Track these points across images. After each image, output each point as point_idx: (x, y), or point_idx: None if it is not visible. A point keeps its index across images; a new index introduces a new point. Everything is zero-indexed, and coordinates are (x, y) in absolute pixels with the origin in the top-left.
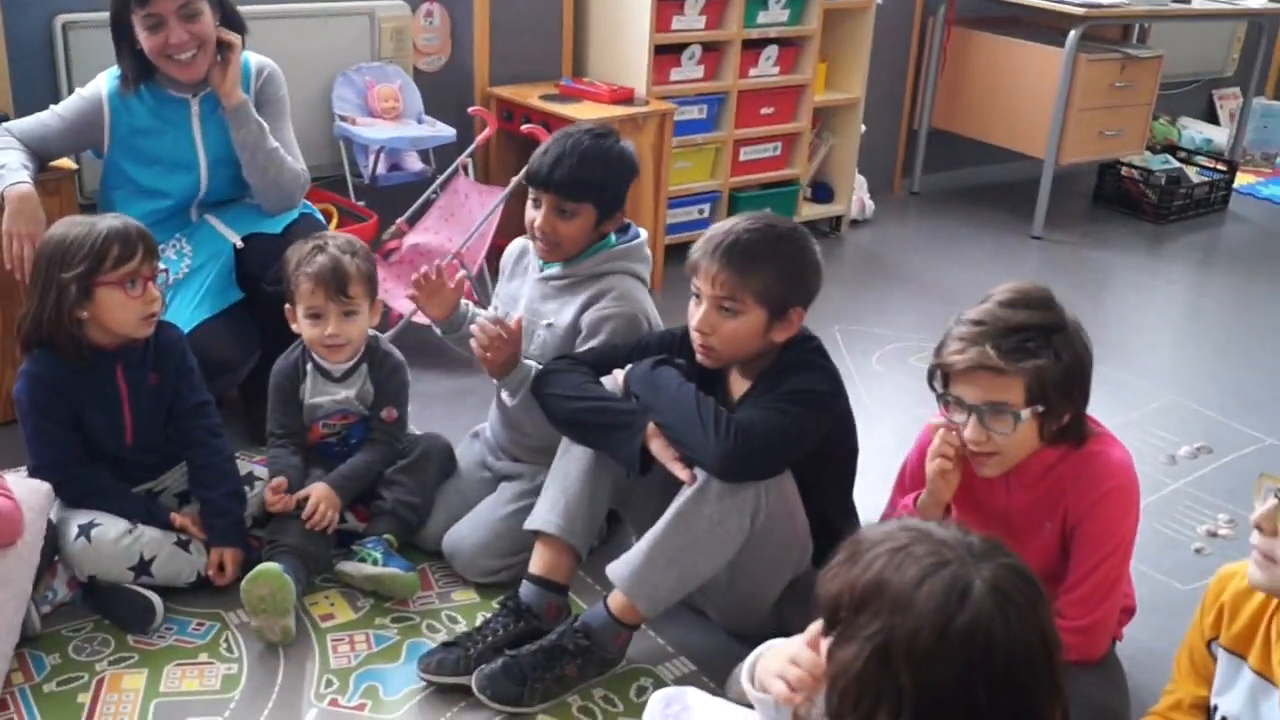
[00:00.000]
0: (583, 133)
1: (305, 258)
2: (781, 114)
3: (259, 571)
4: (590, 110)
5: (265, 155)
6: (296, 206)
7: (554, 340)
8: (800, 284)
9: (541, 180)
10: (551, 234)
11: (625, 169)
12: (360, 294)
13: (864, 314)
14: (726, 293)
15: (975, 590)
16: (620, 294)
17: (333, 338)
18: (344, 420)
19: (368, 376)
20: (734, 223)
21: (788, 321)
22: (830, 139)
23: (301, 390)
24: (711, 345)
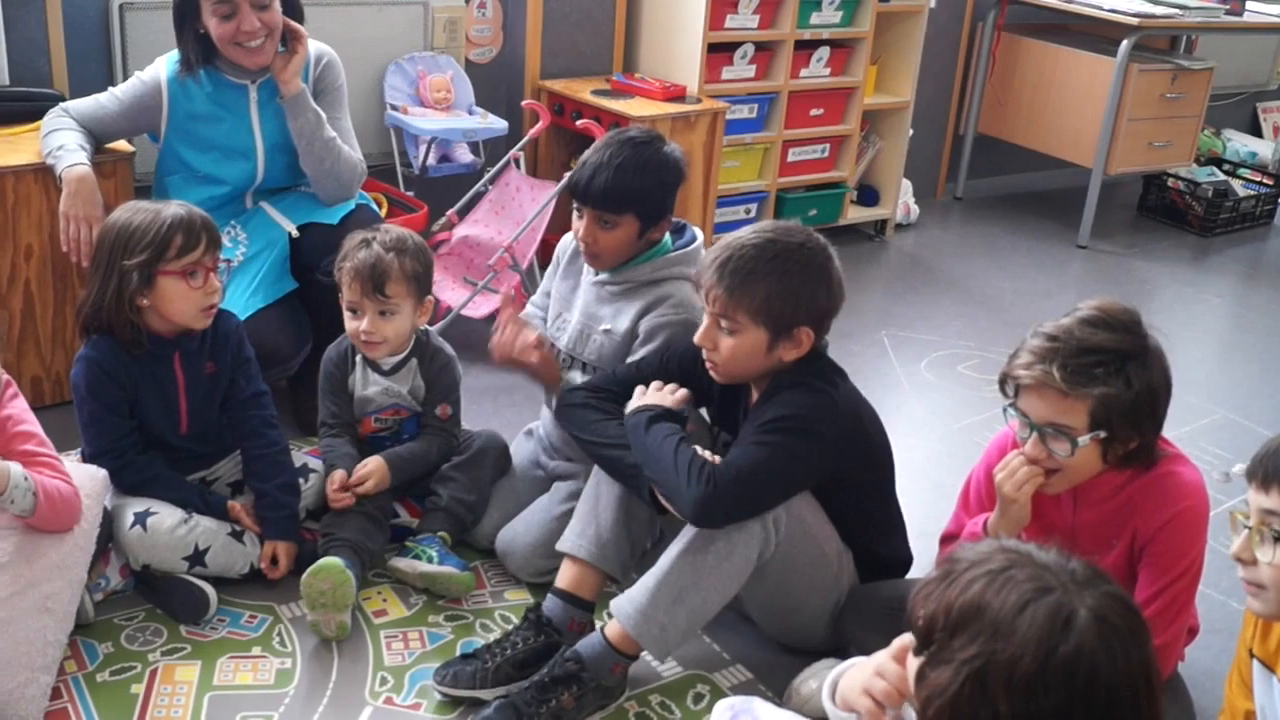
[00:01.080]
0: (622, 141)
1: (351, 250)
2: (831, 116)
3: (321, 566)
4: (643, 107)
5: (322, 144)
6: (353, 197)
7: (611, 346)
8: (803, 303)
9: (580, 193)
10: (594, 244)
11: (668, 176)
12: (401, 293)
13: (910, 319)
14: (720, 309)
15: (1079, 619)
16: (678, 301)
17: (367, 334)
18: (396, 415)
19: (418, 371)
20: (739, 235)
21: (795, 341)
22: (878, 142)
23: (351, 381)
24: (715, 360)
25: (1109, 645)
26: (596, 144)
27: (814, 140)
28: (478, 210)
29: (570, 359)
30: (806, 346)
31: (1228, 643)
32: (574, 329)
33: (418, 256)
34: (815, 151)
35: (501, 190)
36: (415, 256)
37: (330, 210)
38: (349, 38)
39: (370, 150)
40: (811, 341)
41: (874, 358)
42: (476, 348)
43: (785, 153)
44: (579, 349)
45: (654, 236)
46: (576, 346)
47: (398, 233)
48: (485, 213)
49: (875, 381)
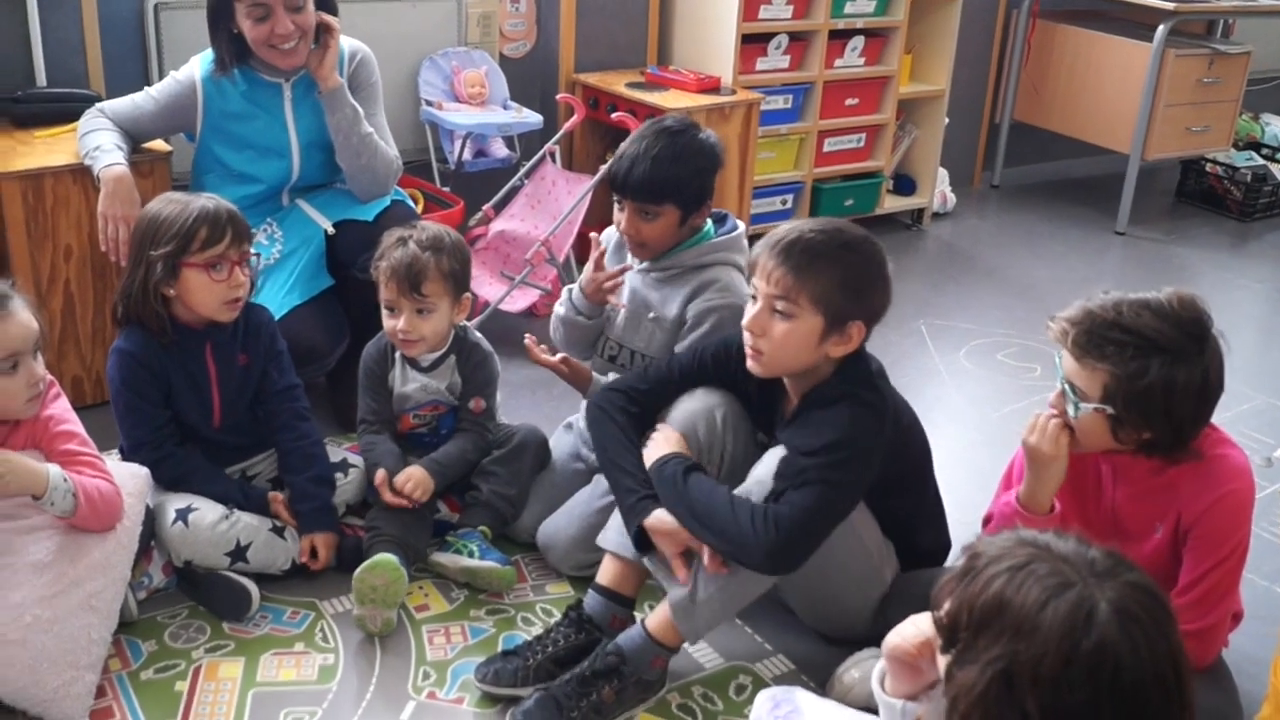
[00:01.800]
0: (657, 131)
1: (388, 249)
2: (866, 105)
3: (376, 562)
4: (677, 99)
5: (359, 140)
6: (389, 193)
7: (661, 333)
8: (863, 296)
9: (619, 186)
10: (637, 235)
11: (706, 162)
12: (438, 292)
13: (948, 308)
14: (781, 291)
15: (1101, 613)
16: (724, 285)
17: (404, 333)
18: (435, 411)
19: (456, 368)
20: (802, 222)
21: (846, 336)
22: (914, 131)
23: (391, 378)
24: (760, 349)
25: (1131, 637)
26: (632, 136)
27: (849, 130)
28: (514, 204)
29: (619, 347)
30: (854, 343)
31: (1271, 628)
32: (623, 316)
33: (454, 254)
34: (851, 141)
35: (537, 184)
36: (452, 254)
37: (366, 207)
38: (383, 34)
39: (405, 146)
40: (861, 339)
41: (912, 347)
42: (514, 342)
43: (821, 143)
44: (628, 336)
45: (696, 223)
46: (626, 334)
47: (434, 230)
48: (521, 207)
49: (914, 371)
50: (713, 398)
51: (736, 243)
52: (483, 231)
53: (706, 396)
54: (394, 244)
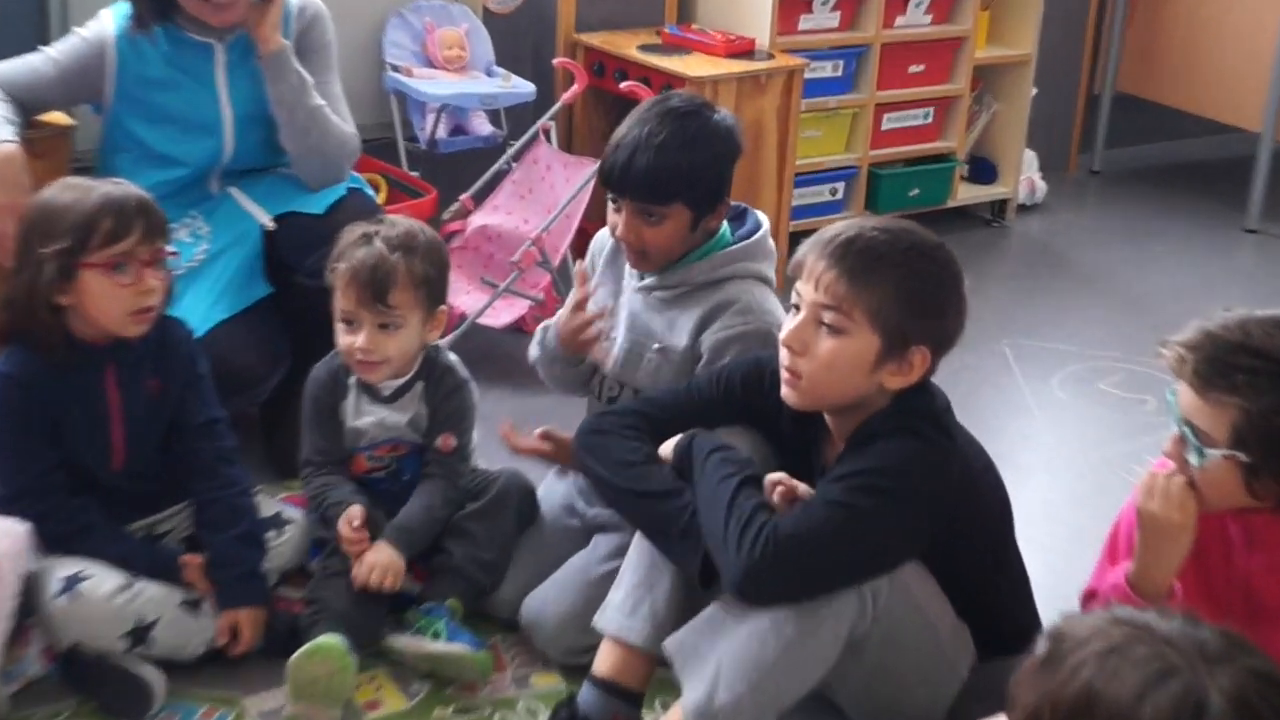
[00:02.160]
0: (661, 113)
1: (348, 248)
2: (934, 73)
3: (318, 646)
4: (701, 65)
5: (307, 115)
6: (344, 179)
7: (669, 367)
8: (931, 315)
9: (615, 181)
10: (636, 243)
11: (723, 149)
12: (408, 303)
13: (1038, 324)
14: (832, 299)
15: (1213, 707)
16: (745, 306)
17: (365, 353)
18: (394, 452)
19: (422, 398)
20: (860, 220)
21: (906, 364)
22: (993, 105)
23: (343, 409)
24: (799, 370)
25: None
26: (629, 119)
27: (914, 103)
28: (498, 194)
29: (619, 387)
30: (916, 374)
31: None
32: (621, 348)
33: (430, 257)
34: (916, 117)
35: (528, 169)
36: (427, 257)
37: (315, 197)
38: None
39: (366, 121)
40: (925, 369)
41: (993, 372)
42: (497, 364)
43: (879, 119)
44: (629, 373)
45: (710, 226)
46: (625, 370)
47: (406, 226)
48: (508, 197)
49: (995, 403)
50: (738, 434)
51: (759, 248)
52: (459, 227)
53: (731, 434)
54: (356, 242)
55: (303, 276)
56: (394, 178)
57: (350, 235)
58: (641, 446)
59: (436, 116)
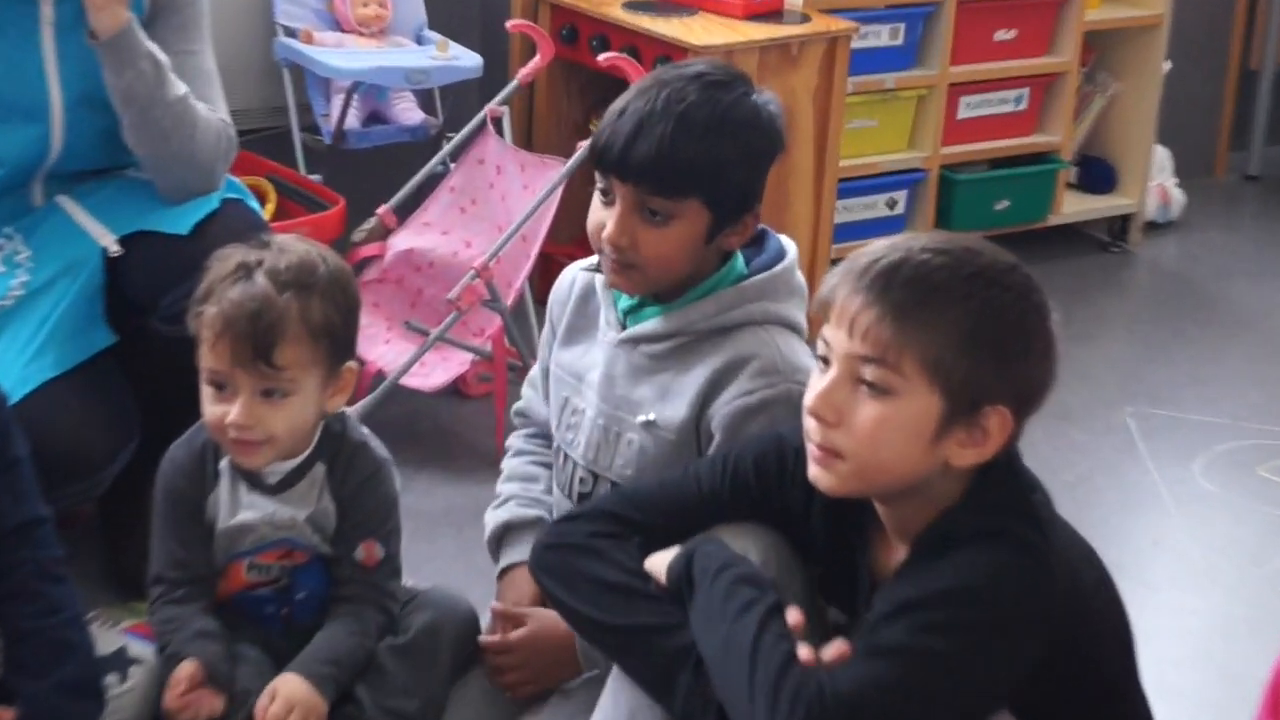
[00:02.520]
0: (687, 78)
1: (220, 284)
2: (1030, 41)
3: None
4: (709, 29)
5: (165, 111)
6: (216, 187)
7: (657, 449)
8: (1011, 362)
9: (614, 161)
10: (630, 248)
11: (760, 142)
12: (301, 359)
13: (1173, 387)
14: (873, 348)
15: None
16: (769, 363)
17: (240, 428)
18: (285, 558)
19: (325, 486)
20: (908, 239)
21: (978, 431)
22: (1111, 84)
23: (211, 503)
24: (834, 446)
25: None
26: (640, 84)
27: (1002, 82)
28: (431, 206)
29: (591, 478)
30: (994, 445)
31: None
32: (591, 424)
33: (333, 295)
34: (1004, 101)
35: (471, 172)
36: (328, 295)
37: (176, 212)
38: None
39: (248, 104)
40: (1004, 437)
41: (1111, 453)
42: (427, 441)
43: (953, 104)
44: (603, 460)
45: (729, 242)
46: (599, 455)
47: (300, 253)
48: (444, 210)
49: (1114, 494)
50: (752, 534)
51: (784, 283)
52: (376, 252)
53: (741, 533)
54: (231, 275)
55: (158, 321)
56: (287, 183)
57: (222, 266)
58: (623, 561)
59: (346, 99)
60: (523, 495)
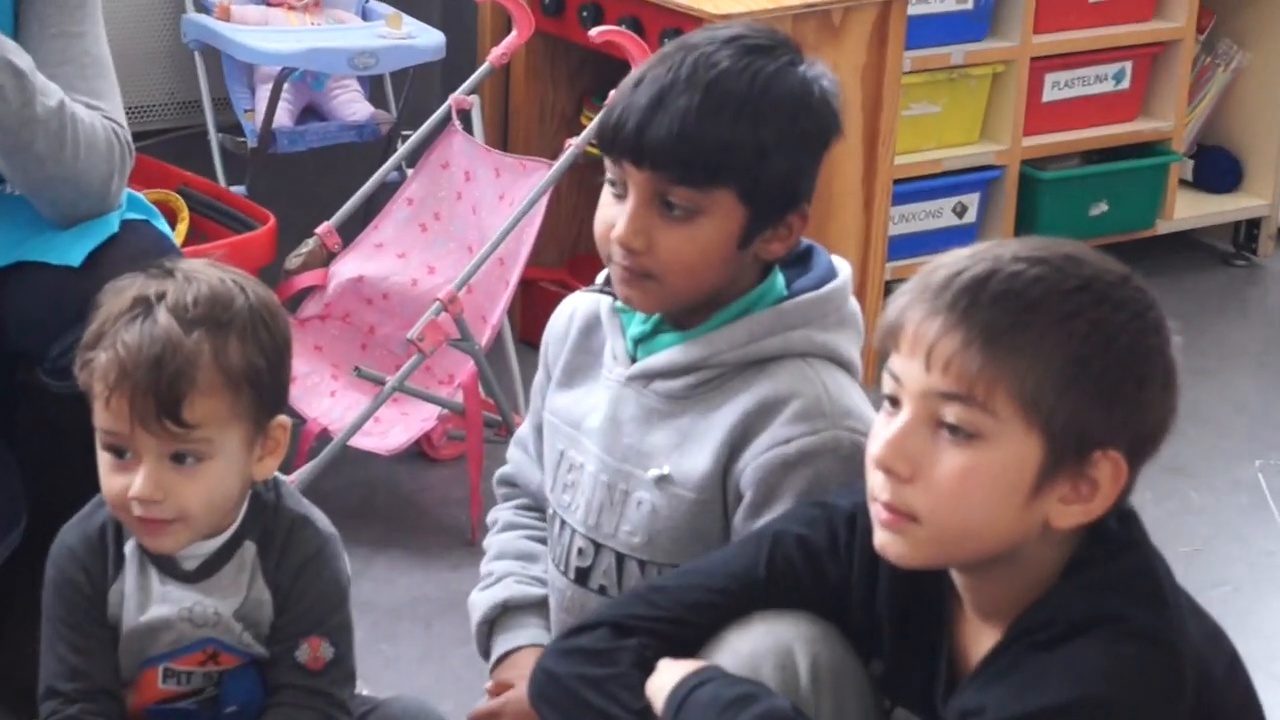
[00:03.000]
0: (719, 41)
1: (113, 323)
2: (1131, 2)
3: None
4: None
5: (35, 130)
6: (113, 206)
7: (672, 511)
8: (1124, 397)
9: (626, 142)
10: (645, 252)
11: (810, 122)
12: (218, 415)
13: None
14: (957, 383)
15: None
16: (813, 404)
17: (145, 503)
18: (210, 663)
19: (257, 570)
20: (994, 247)
21: (1087, 483)
22: (1236, 56)
23: (115, 597)
24: (909, 505)
25: None
26: (662, 50)
27: (1098, 54)
28: (384, 223)
29: (593, 548)
30: (1105, 501)
31: None
32: (592, 481)
33: (255, 332)
34: (1102, 80)
35: (434, 179)
36: (250, 333)
37: (64, 238)
38: None
39: (151, 99)
40: (1118, 490)
41: (1238, 513)
42: (385, 517)
43: (1037, 83)
44: (606, 525)
45: (767, 251)
46: (602, 520)
47: (213, 281)
48: (400, 227)
49: (1241, 565)
50: (796, 627)
51: (833, 307)
52: (317, 281)
53: (781, 625)
54: (126, 313)
55: (46, 374)
56: (202, 197)
57: (116, 302)
58: (635, 695)
59: (274, 90)
60: (519, 573)
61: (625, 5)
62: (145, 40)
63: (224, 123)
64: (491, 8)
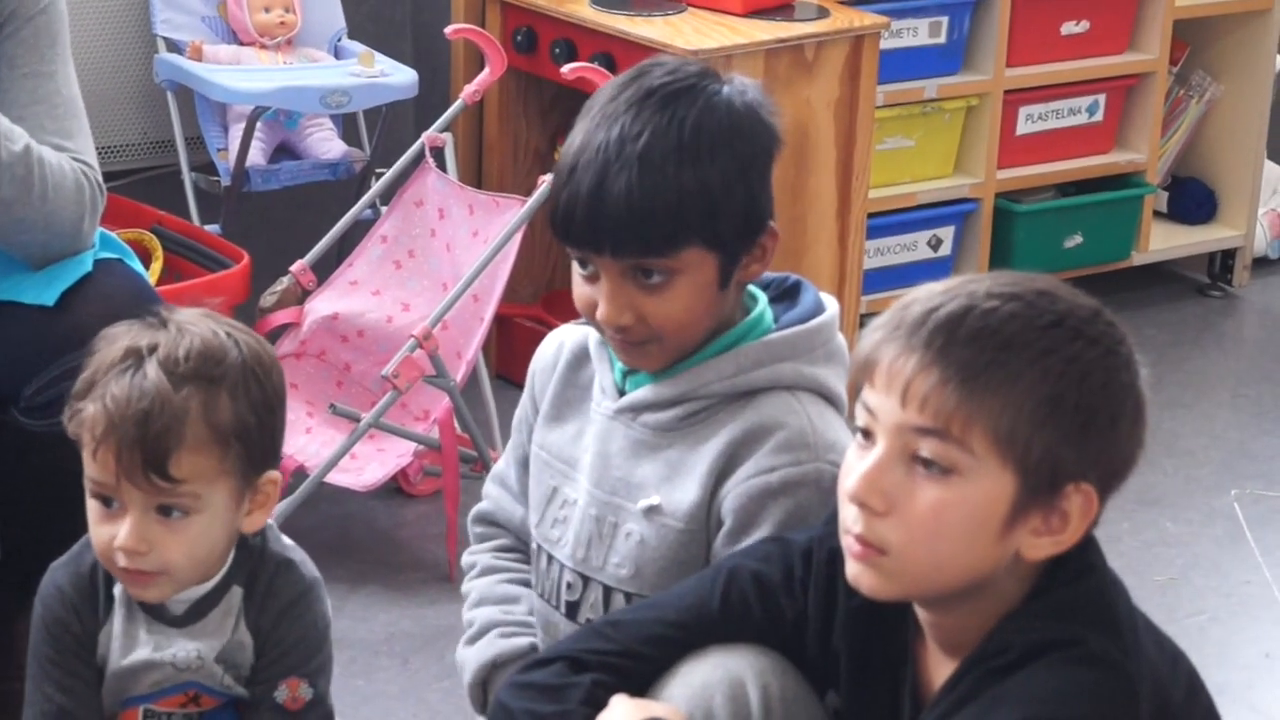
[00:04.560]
0: (635, 97)
1: (104, 375)
2: (1105, 35)
3: None
4: (700, 30)
5: (1, 171)
6: (85, 246)
7: (660, 542)
8: (1097, 431)
9: (582, 233)
10: (636, 324)
11: (748, 146)
12: (206, 471)
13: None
14: (933, 419)
15: None
16: (797, 435)
17: (131, 555)
18: (188, 704)
19: (241, 614)
20: (967, 283)
21: (1057, 515)
22: (1209, 88)
23: (103, 638)
24: (881, 539)
25: None
26: (584, 121)
27: (1071, 87)
28: (358, 261)
29: (581, 581)
30: (1075, 532)
31: None
32: (581, 515)
33: (246, 389)
34: (1076, 112)
35: (407, 217)
36: (241, 389)
37: (37, 278)
38: None
39: (124, 139)
40: (1089, 521)
41: (1212, 544)
42: (362, 553)
43: (1011, 116)
44: (594, 559)
45: (751, 271)
46: (590, 553)
47: (203, 334)
48: (374, 265)
49: (1216, 596)
50: (748, 659)
51: (820, 340)
52: (291, 319)
53: (733, 657)
54: (116, 364)
55: (20, 414)
56: (176, 235)
57: (108, 352)
58: None
59: (247, 129)
60: (504, 621)
61: (597, 42)
62: (118, 80)
63: (197, 162)
64: (464, 45)
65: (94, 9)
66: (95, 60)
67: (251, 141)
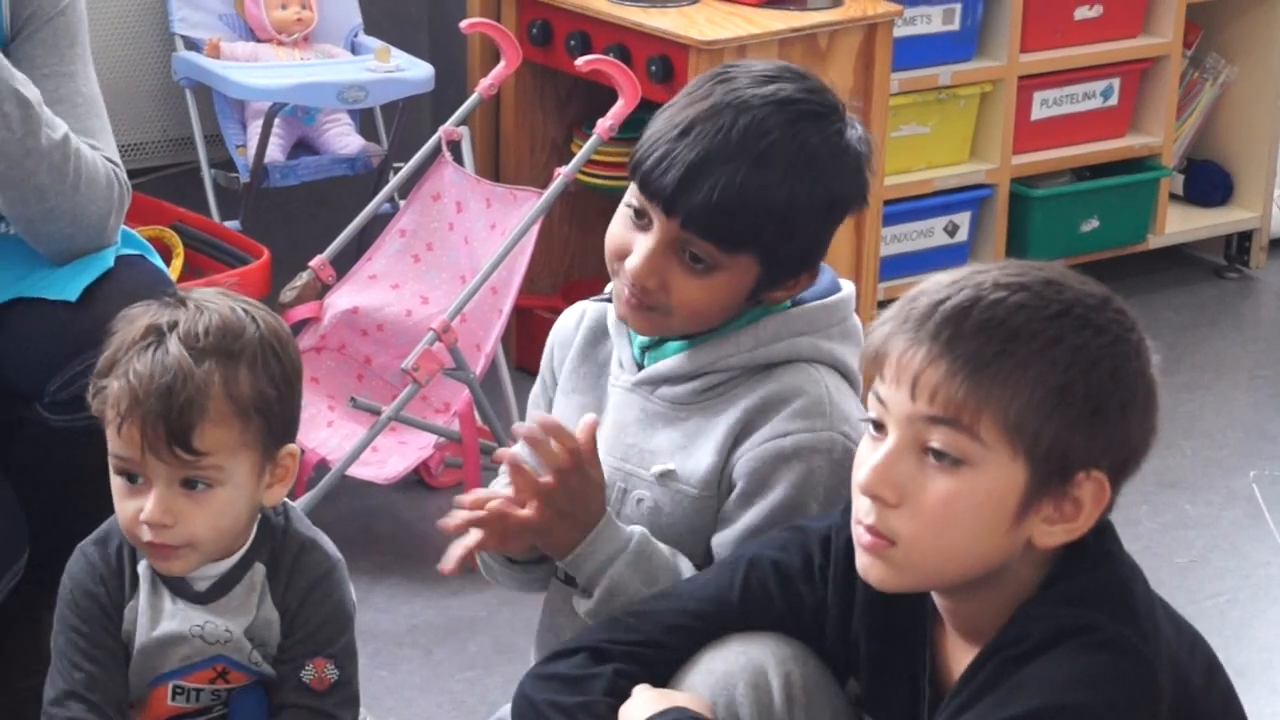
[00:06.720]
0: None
1: (126, 352)
2: (1118, 19)
3: None
4: (715, 20)
5: (39, 161)
6: (108, 243)
7: (674, 508)
8: (1108, 419)
9: (664, 191)
10: (658, 290)
11: (844, 190)
12: (228, 444)
13: None
14: (943, 409)
15: None
16: (813, 404)
17: (156, 528)
18: (219, 681)
19: (265, 592)
20: (974, 273)
21: (1070, 503)
22: (1224, 70)
23: (129, 612)
24: (891, 529)
25: None
26: (710, 91)
27: (1085, 72)
28: (377, 254)
29: None
30: (1088, 520)
31: None
32: None
33: (265, 362)
34: (1090, 97)
35: (425, 211)
36: (260, 363)
37: (60, 274)
38: None
39: (144, 137)
40: (1102, 507)
41: (1230, 527)
42: (385, 545)
43: (1025, 102)
44: None
45: (770, 299)
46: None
47: (223, 312)
48: (393, 259)
49: (1235, 578)
50: (769, 647)
51: (838, 316)
52: (311, 313)
53: (755, 646)
54: (139, 342)
55: (44, 409)
56: (197, 232)
57: (129, 330)
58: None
59: (266, 126)
60: None
61: (612, 34)
62: (137, 79)
63: (216, 159)
64: (480, 39)
65: (112, 8)
66: (114, 59)
67: (270, 138)
